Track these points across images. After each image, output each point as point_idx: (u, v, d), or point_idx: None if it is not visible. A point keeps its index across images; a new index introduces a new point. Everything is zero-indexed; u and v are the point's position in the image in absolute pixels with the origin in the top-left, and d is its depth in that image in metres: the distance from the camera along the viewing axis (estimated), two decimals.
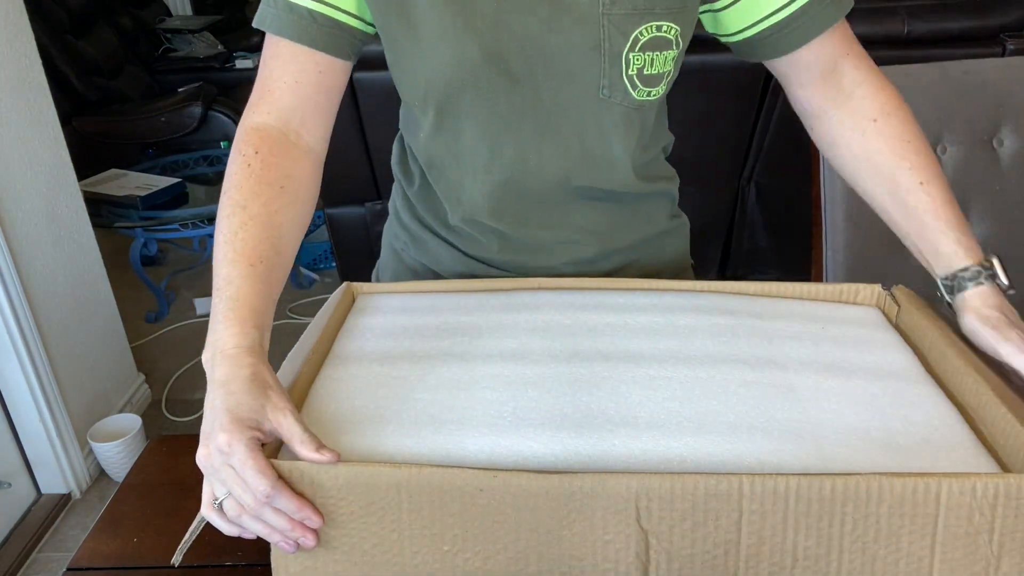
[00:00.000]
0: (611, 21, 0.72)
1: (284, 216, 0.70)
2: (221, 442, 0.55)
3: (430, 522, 0.55)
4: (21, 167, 1.80)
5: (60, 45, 3.26)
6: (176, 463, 0.88)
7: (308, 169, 0.76)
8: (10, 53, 1.76)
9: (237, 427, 0.55)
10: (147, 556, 0.76)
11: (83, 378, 2.02)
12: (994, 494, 0.51)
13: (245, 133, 0.74)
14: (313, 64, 0.75)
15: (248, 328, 0.62)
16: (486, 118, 0.78)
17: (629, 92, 0.76)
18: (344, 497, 0.55)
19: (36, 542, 1.85)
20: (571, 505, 0.53)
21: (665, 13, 0.73)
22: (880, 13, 1.87)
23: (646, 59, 0.74)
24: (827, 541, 0.52)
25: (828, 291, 0.81)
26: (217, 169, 3.03)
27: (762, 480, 0.52)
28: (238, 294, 0.63)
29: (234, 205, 0.69)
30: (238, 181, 0.70)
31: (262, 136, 0.73)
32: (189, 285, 2.97)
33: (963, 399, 0.65)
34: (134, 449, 1.97)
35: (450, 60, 0.73)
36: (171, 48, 4.09)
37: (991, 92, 1.29)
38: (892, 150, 0.77)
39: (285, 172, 0.72)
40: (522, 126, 0.78)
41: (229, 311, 0.62)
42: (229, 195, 0.70)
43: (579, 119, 0.78)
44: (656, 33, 0.73)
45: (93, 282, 2.09)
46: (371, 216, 2.33)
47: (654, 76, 0.76)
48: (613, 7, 0.71)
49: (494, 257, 0.89)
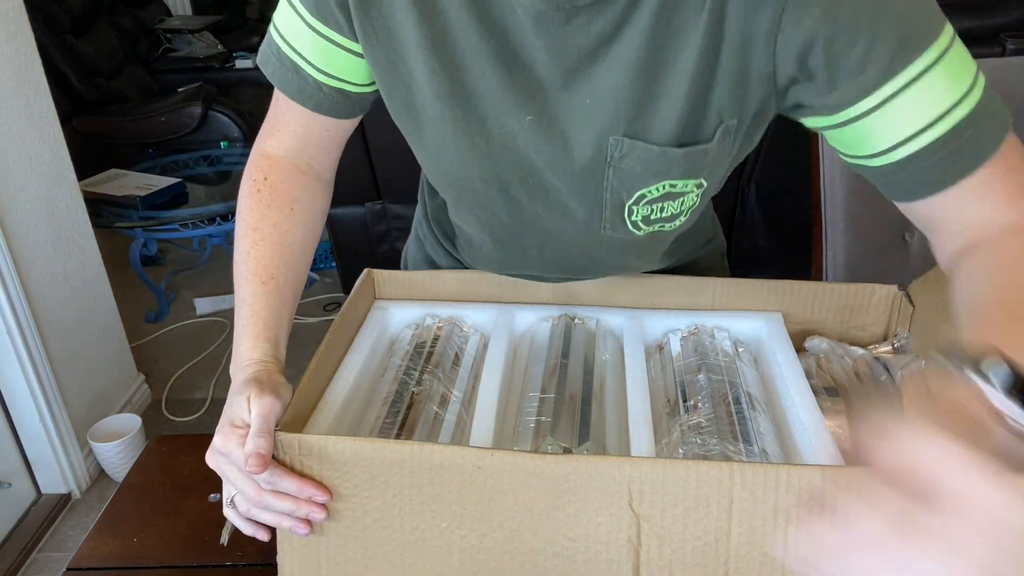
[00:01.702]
0: (616, 174, 0.64)
1: (293, 235, 0.73)
2: (217, 444, 0.60)
3: (430, 498, 0.56)
4: (21, 167, 1.80)
5: (60, 45, 3.25)
6: (176, 463, 0.88)
7: (317, 194, 0.78)
8: (10, 53, 1.76)
9: (229, 427, 0.59)
10: (147, 556, 0.76)
11: (83, 378, 2.02)
12: None
13: (256, 159, 0.76)
14: (319, 122, 0.74)
15: (260, 342, 0.66)
16: (488, 220, 0.75)
17: (632, 232, 0.69)
18: (348, 471, 0.57)
19: (36, 542, 1.84)
20: (565, 486, 0.54)
21: (682, 174, 0.63)
22: None
23: (654, 208, 0.66)
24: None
25: (843, 291, 0.81)
26: (217, 169, 3.02)
27: (752, 468, 0.53)
28: (251, 311, 0.68)
29: (246, 227, 0.72)
30: (249, 204, 0.73)
31: (271, 164, 0.75)
32: (189, 285, 2.96)
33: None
34: (134, 449, 1.97)
35: (452, 171, 0.70)
36: (171, 48, 4.08)
37: None
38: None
39: (293, 196, 0.74)
40: (524, 237, 0.76)
41: (245, 327, 0.67)
42: (242, 217, 0.73)
43: (583, 244, 0.74)
44: (669, 190, 0.65)
45: (93, 282, 2.09)
46: (371, 216, 2.34)
47: (665, 218, 0.68)
48: (622, 161, 0.63)
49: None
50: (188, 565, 0.75)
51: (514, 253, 0.79)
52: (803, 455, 0.64)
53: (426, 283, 0.86)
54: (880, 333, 0.83)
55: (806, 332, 0.84)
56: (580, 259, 0.78)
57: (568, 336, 0.80)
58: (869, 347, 0.82)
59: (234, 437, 0.58)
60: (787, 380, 0.72)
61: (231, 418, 0.60)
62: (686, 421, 0.69)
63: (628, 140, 0.62)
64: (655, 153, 0.62)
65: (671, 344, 0.81)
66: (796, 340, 0.82)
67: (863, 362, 0.80)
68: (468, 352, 0.80)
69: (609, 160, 0.63)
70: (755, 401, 0.71)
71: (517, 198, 0.71)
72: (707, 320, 0.82)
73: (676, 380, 0.76)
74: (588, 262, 0.78)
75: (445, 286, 0.86)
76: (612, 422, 0.71)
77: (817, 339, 0.82)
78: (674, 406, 0.73)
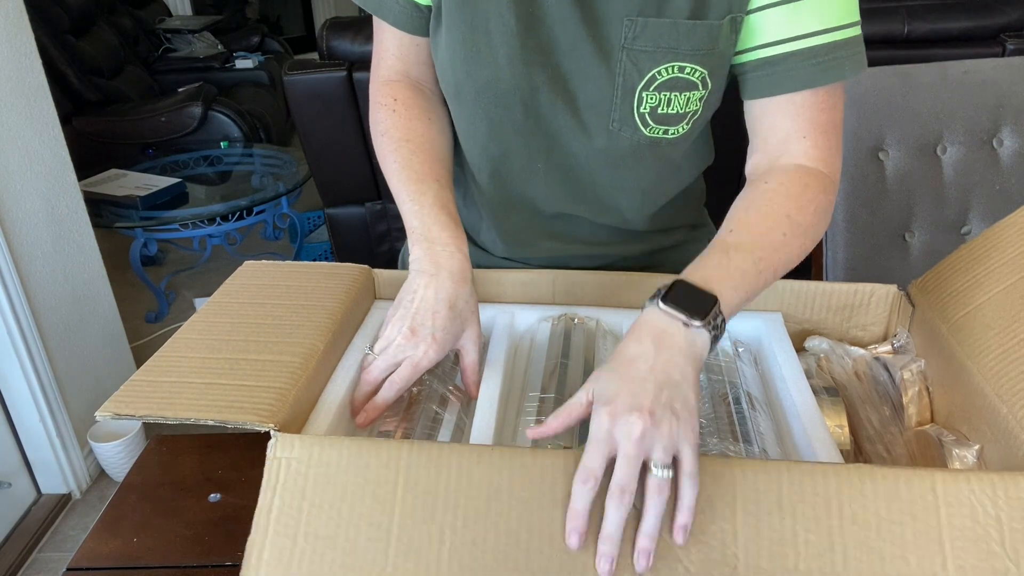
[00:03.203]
0: (629, 56, 0.69)
1: (441, 143, 0.79)
2: (421, 349, 0.67)
3: (425, 497, 0.55)
4: (21, 167, 1.80)
5: (60, 45, 3.26)
6: (176, 463, 0.88)
7: (440, 106, 0.83)
8: (10, 53, 1.76)
9: (442, 346, 0.67)
10: (147, 556, 0.76)
11: (83, 378, 2.02)
12: (992, 490, 0.51)
13: (378, 88, 0.81)
14: (408, 39, 0.80)
15: (459, 232, 0.71)
16: (501, 121, 0.77)
17: (639, 129, 0.74)
18: (345, 472, 0.56)
19: (36, 542, 1.85)
20: (564, 482, 0.54)
21: (690, 54, 0.68)
22: (880, 13, 1.87)
23: (662, 98, 0.71)
24: (827, 533, 0.52)
25: (843, 290, 0.81)
26: (217, 169, 3.03)
27: (753, 464, 0.53)
28: (436, 201, 0.72)
29: (397, 141, 0.76)
30: (390, 124, 0.78)
31: (394, 87, 0.80)
32: (189, 285, 2.97)
33: (977, 398, 0.65)
34: (134, 449, 1.97)
35: (482, 62, 0.73)
36: (171, 48, 4.09)
37: (991, 92, 1.29)
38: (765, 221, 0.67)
39: (426, 109, 0.80)
40: (533, 142, 0.78)
41: (439, 213, 0.72)
42: (389, 135, 0.77)
43: (588, 152, 0.77)
44: (677, 74, 0.70)
45: (93, 282, 2.09)
46: (371, 216, 2.33)
47: (671, 116, 0.72)
48: (635, 41, 0.68)
49: (496, 246, 0.90)
50: (188, 565, 0.75)
51: (518, 168, 0.80)
52: (803, 455, 0.64)
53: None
54: (880, 333, 0.83)
55: (806, 332, 0.84)
56: (582, 174, 0.80)
57: (568, 336, 0.80)
58: (869, 347, 0.82)
59: (437, 350, 0.67)
60: (787, 380, 0.72)
61: (446, 337, 0.67)
62: None
63: (641, 19, 0.67)
64: (666, 27, 0.67)
65: None
66: (796, 340, 0.82)
67: (863, 362, 0.80)
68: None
69: (623, 42, 0.69)
70: (755, 401, 0.71)
71: (537, 87, 0.73)
72: None
73: None
74: (588, 180, 0.80)
75: None
76: None
77: (817, 339, 0.82)
78: None
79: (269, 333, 0.70)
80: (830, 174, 0.71)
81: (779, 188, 0.69)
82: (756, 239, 0.65)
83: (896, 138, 1.30)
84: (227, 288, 0.79)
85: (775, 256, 0.65)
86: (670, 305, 0.58)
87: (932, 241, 1.32)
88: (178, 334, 0.71)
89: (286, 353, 0.67)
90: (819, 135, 0.70)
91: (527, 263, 0.90)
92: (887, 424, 0.74)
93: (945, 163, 1.30)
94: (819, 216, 0.69)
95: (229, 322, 0.72)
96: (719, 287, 0.60)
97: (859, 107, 1.29)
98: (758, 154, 0.74)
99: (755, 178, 0.72)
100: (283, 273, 0.80)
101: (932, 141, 1.31)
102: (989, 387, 0.64)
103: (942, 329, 0.72)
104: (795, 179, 0.69)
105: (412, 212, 0.72)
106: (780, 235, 0.66)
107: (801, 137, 0.71)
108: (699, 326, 0.58)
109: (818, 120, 0.70)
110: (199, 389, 0.63)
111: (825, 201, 0.70)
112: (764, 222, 0.66)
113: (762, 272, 0.64)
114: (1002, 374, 0.63)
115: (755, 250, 0.64)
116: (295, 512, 0.55)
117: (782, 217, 0.67)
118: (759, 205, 0.68)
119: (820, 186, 0.69)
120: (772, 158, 0.72)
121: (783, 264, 0.66)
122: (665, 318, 0.58)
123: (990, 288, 0.70)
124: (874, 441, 0.73)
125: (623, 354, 0.58)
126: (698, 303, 0.58)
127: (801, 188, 0.69)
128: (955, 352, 0.69)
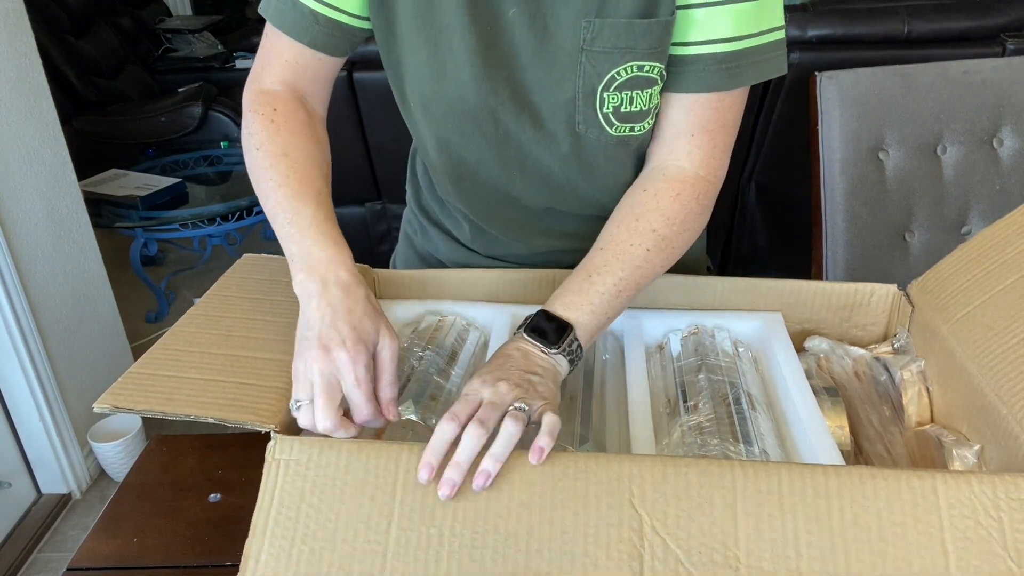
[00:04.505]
0: (588, 58, 0.70)
1: (321, 158, 0.76)
2: (343, 359, 0.62)
3: (423, 499, 0.55)
4: (21, 167, 1.80)
5: (60, 45, 3.25)
6: (176, 463, 0.88)
7: (320, 125, 0.80)
8: (10, 53, 1.76)
9: (361, 346, 0.63)
10: (147, 556, 0.76)
11: (83, 378, 2.02)
12: (993, 491, 0.51)
13: (256, 96, 0.77)
14: (311, 55, 0.77)
15: (343, 251, 0.68)
16: (472, 137, 0.77)
17: (605, 129, 0.74)
18: (347, 469, 0.56)
19: (36, 542, 1.84)
20: (564, 483, 0.54)
21: (648, 53, 0.69)
22: (880, 13, 1.87)
23: (623, 97, 0.72)
24: (829, 535, 0.52)
25: (843, 290, 0.81)
26: (217, 169, 3.02)
27: (753, 466, 0.53)
28: (314, 221, 0.69)
29: (273, 156, 0.72)
30: (267, 137, 0.74)
31: (274, 97, 0.77)
32: (189, 285, 2.97)
33: (977, 398, 0.65)
34: (134, 449, 1.97)
35: (445, 80, 0.73)
36: (171, 48, 4.08)
37: (991, 92, 1.29)
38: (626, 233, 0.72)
39: (306, 123, 0.76)
40: (506, 153, 0.78)
41: (318, 234, 0.68)
42: (264, 150, 0.73)
43: (561, 160, 0.78)
44: (637, 73, 0.70)
45: (93, 282, 2.09)
46: (371, 216, 2.34)
47: (635, 113, 0.73)
48: (594, 43, 0.69)
49: (475, 244, 0.91)
50: (188, 565, 0.75)
51: (496, 175, 0.80)
52: (803, 455, 0.64)
53: (426, 282, 0.86)
54: (880, 333, 0.83)
55: (806, 332, 0.84)
56: (559, 177, 0.80)
57: None
58: (869, 347, 0.82)
59: (365, 353, 0.62)
60: (787, 380, 0.72)
61: (361, 337, 0.62)
62: (686, 421, 0.69)
63: (598, 20, 0.68)
64: (622, 27, 0.68)
65: (671, 344, 0.81)
66: (796, 340, 0.82)
67: (863, 362, 0.80)
68: (467, 348, 0.80)
69: (583, 44, 0.69)
70: (755, 401, 0.71)
71: (502, 102, 0.73)
72: (707, 320, 0.82)
73: (676, 380, 0.76)
74: (566, 182, 0.80)
75: (445, 285, 0.86)
76: (612, 422, 0.71)
77: (817, 339, 0.82)
78: (674, 406, 0.73)
79: (268, 330, 0.70)
80: (707, 176, 0.74)
81: (650, 200, 0.73)
82: (619, 257, 0.70)
83: (896, 138, 1.30)
84: (226, 282, 0.79)
85: (637, 273, 0.70)
86: (531, 335, 0.65)
87: (932, 241, 1.32)
88: (176, 327, 0.70)
89: (286, 352, 0.67)
90: (704, 135, 0.73)
91: (525, 262, 0.89)
92: (887, 424, 0.74)
93: (945, 163, 1.30)
94: (687, 226, 0.73)
95: (228, 317, 0.72)
96: (576, 314, 0.67)
97: (859, 107, 1.29)
98: (653, 143, 0.77)
99: (640, 177, 0.77)
100: (282, 268, 0.80)
101: (932, 141, 1.31)
102: (989, 387, 0.64)
103: (942, 329, 0.72)
104: (668, 188, 0.73)
105: (290, 237, 0.69)
106: (644, 251, 0.70)
107: (689, 135, 0.74)
108: (556, 352, 0.65)
109: (709, 120, 0.73)
110: (199, 385, 0.62)
111: (697, 207, 0.73)
112: (630, 238, 0.71)
113: (622, 292, 0.69)
114: (1002, 374, 0.63)
115: (617, 271, 0.69)
116: (293, 514, 0.55)
117: (647, 232, 0.71)
118: (628, 221, 0.72)
119: (693, 193, 0.73)
120: (661, 154, 0.76)
121: (647, 278, 0.71)
122: (528, 344, 0.65)
123: (990, 288, 0.70)
124: (874, 441, 0.73)
125: (494, 359, 0.64)
126: (555, 332, 0.65)
127: (671, 198, 0.72)
128: (955, 352, 0.69)
